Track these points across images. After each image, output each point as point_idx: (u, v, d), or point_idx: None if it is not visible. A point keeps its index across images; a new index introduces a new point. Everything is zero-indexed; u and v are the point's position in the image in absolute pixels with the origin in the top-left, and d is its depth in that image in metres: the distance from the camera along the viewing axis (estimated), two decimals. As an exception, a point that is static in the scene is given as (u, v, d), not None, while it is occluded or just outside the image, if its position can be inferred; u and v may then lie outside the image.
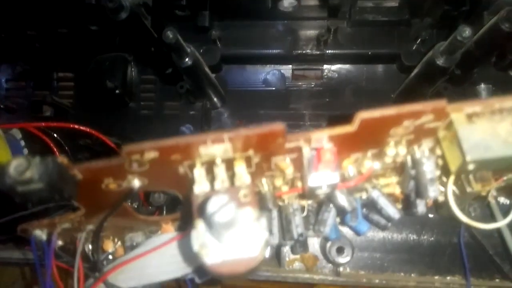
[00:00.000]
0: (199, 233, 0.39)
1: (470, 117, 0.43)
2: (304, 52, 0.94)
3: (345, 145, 0.46)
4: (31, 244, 0.54)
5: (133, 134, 0.94)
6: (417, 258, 0.75)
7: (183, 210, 0.59)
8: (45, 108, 0.98)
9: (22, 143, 0.90)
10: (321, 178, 0.44)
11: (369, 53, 0.93)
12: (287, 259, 0.74)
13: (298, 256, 0.74)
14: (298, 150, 0.46)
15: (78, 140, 0.92)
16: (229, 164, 0.45)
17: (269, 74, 0.99)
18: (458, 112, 0.42)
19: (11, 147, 0.87)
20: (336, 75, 0.97)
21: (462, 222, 0.58)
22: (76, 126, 0.86)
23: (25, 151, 0.90)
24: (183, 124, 0.94)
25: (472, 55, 0.77)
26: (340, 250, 0.68)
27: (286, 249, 0.75)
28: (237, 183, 0.43)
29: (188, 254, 0.56)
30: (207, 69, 0.86)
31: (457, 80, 0.86)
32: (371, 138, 0.46)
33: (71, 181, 0.42)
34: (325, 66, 0.97)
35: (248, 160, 0.46)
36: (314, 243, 0.73)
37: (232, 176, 0.45)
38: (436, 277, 0.72)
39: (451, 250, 0.75)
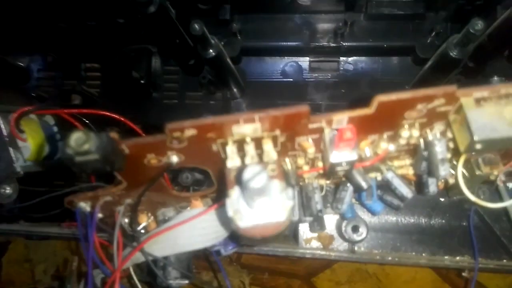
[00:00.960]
0: (233, 201, 0.44)
1: (478, 101, 0.47)
2: (321, 44, 0.97)
3: (363, 127, 0.50)
4: (76, 215, 0.60)
5: (156, 122, 0.98)
6: (428, 239, 0.79)
7: (215, 186, 0.64)
8: (74, 97, 1.02)
9: (55, 129, 0.95)
10: (341, 156, 0.49)
11: (385, 45, 0.95)
12: (304, 237, 0.79)
13: (315, 235, 0.78)
14: (320, 131, 0.51)
15: (106, 127, 0.97)
16: (258, 143, 0.50)
17: (287, 66, 1.02)
18: (467, 97, 0.47)
19: (45, 133, 0.92)
20: (352, 67, 1.00)
21: (471, 201, 0.62)
22: (107, 113, 0.91)
23: (58, 136, 0.95)
24: (204, 113, 0.98)
25: (485, 48, 0.80)
26: (355, 229, 0.72)
27: (304, 229, 0.79)
28: (265, 159, 0.48)
29: (217, 225, 0.61)
30: (229, 60, 0.90)
31: (470, 73, 0.89)
32: (387, 121, 0.51)
33: (120, 155, 0.48)
34: (342, 58, 1.00)
35: (274, 140, 0.51)
36: (330, 223, 0.77)
37: (260, 154, 0.50)
38: (446, 257, 0.77)
39: (460, 232, 0.79)
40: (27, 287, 1.01)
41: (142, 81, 0.99)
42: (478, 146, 0.46)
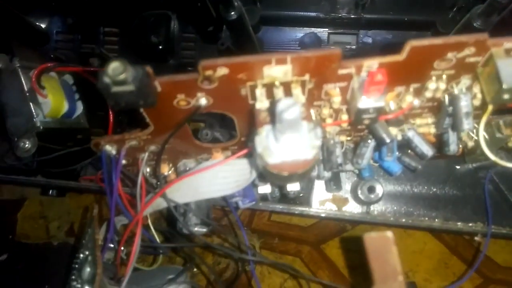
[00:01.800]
0: (262, 138, 0.45)
1: (508, 51, 0.48)
2: (341, 15, 0.96)
3: (392, 76, 0.51)
4: (102, 157, 0.61)
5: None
6: (442, 205, 0.80)
7: (234, 139, 0.65)
8: (92, 60, 1.03)
9: (74, 88, 0.96)
10: (370, 102, 0.49)
11: (405, 19, 0.95)
12: (319, 200, 0.80)
13: (330, 197, 0.79)
14: (349, 78, 0.51)
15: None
16: (287, 88, 0.51)
17: (305, 37, 1.02)
18: (498, 47, 0.47)
19: (64, 91, 0.93)
20: (371, 41, 1.00)
21: (487, 167, 0.63)
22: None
23: (76, 96, 0.96)
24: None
25: (507, 23, 0.80)
26: (371, 189, 0.73)
27: (319, 191, 0.80)
28: (294, 102, 0.49)
29: (238, 175, 0.62)
30: (249, 26, 0.91)
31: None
32: (416, 71, 0.51)
33: (153, 91, 0.49)
34: (361, 31, 0.99)
35: (303, 85, 0.51)
36: (346, 185, 0.79)
37: (288, 98, 0.51)
38: (459, 223, 0.78)
39: (475, 200, 0.80)
40: (42, 242, 1.03)
41: (160, 47, 0.99)
42: (506, 95, 0.47)
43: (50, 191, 1.00)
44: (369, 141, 0.63)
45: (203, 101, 0.53)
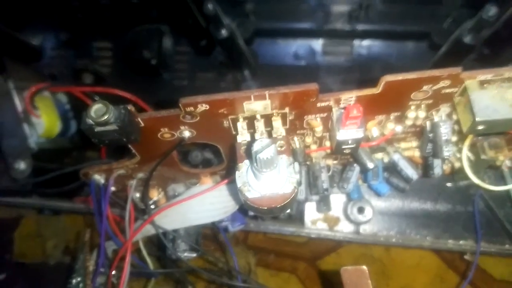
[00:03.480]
0: (242, 173, 0.46)
1: (482, 84, 0.48)
2: (335, 27, 0.95)
3: (371, 107, 0.52)
4: (91, 186, 0.62)
5: (166, 103, 0.99)
6: (433, 223, 0.80)
7: (225, 162, 0.65)
8: (86, 76, 1.03)
9: (68, 106, 0.97)
10: (348, 133, 0.50)
11: (400, 30, 0.94)
12: (311, 219, 0.80)
13: (321, 216, 0.80)
14: (329, 109, 0.52)
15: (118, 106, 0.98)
16: (268, 120, 0.52)
17: (299, 49, 1.01)
18: (472, 79, 0.48)
19: (58, 110, 0.94)
20: (366, 51, 0.99)
21: (477, 186, 0.63)
22: (119, 92, 0.92)
23: (70, 114, 0.97)
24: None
25: (500, 34, 0.79)
26: (361, 210, 0.74)
27: (310, 210, 0.81)
28: (274, 135, 0.50)
29: (226, 201, 0.63)
30: (241, 42, 0.91)
31: (485, 60, 0.88)
32: (394, 101, 0.52)
33: (136, 127, 0.50)
34: (355, 42, 0.98)
35: (284, 117, 0.52)
36: (337, 205, 0.79)
37: (269, 131, 0.52)
38: (450, 241, 0.78)
39: (465, 217, 0.80)
40: (38, 261, 1.04)
41: (152, 61, 1.00)
42: (480, 127, 0.48)
43: (46, 210, 1.01)
44: (355, 165, 0.64)
45: (186, 133, 0.54)
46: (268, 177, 0.45)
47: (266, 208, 0.45)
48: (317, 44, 1.00)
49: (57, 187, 0.87)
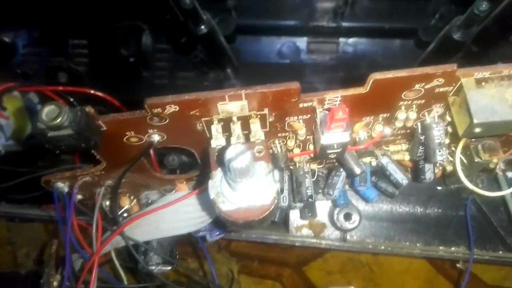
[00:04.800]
0: (216, 182, 0.41)
1: (479, 82, 0.44)
2: (320, 24, 0.93)
3: (358, 108, 0.47)
4: (53, 195, 0.57)
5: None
6: (423, 229, 0.76)
7: (199, 169, 0.61)
8: (60, 74, 0.98)
9: (39, 106, 0.92)
10: (333, 137, 0.45)
11: (386, 27, 0.91)
12: (295, 225, 0.76)
13: (306, 223, 0.76)
14: (312, 110, 0.47)
15: (93, 106, 0.93)
16: (245, 122, 0.47)
17: (283, 46, 0.98)
18: (468, 77, 0.44)
19: (28, 111, 0.89)
20: (352, 49, 0.96)
21: (469, 190, 0.60)
22: (93, 92, 0.88)
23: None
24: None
25: (490, 31, 0.77)
26: (347, 216, 0.70)
27: (295, 217, 0.76)
28: (252, 139, 0.45)
29: (202, 210, 0.58)
30: (222, 39, 0.87)
31: (474, 58, 0.85)
32: (383, 101, 0.47)
33: (97, 131, 0.45)
34: (341, 40, 0.96)
35: (263, 119, 0.48)
36: (322, 211, 0.75)
37: (247, 134, 0.47)
38: (441, 247, 0.74)
39: (457, 222, 0.76)
40: (9, 271, 0.98)
41: (131, 59, 0.95)
42: (478, 130, 0.44)
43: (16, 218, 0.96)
44: (341, 169, 0.60)
45: (155, 137, 0.49)
46: (245, 187, 0.40)
47: (242, 221, 0.41)
48: (302, 41, 0.97)
49: (27, 192, 0.83)
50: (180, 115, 0.45)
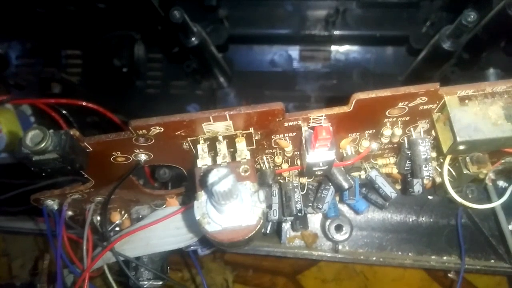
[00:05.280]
0: (201, 203, 0.42)
1: (462, 99, 0.44)
2: (312, 33, 0.94)
3: (343, 125, 0.48)
4: (43, 213, 0.57)
5: (139, 112, 0.95)
6: (415, 238, 0.76)
7: (188, 185, 0.61)
8: (53, 85, 0.98)
9: (32, 119, 0.92)
10: (318, 155, 0.46)
11: (378, 35, 0.92)
12: (287, 236, 0.76)
13: (298, 234, 0.76)
14: (298, 128, 0.48)
15: (86, 117, 0.94)
16: (231, 141, 0.47)
17: (276, 55, 0.99)
18: (451, 95, 0.44)
19: (21, 123, 0.89)
20: (344, 57, 0.97)
21: (457, 202, 0.60)
22: (85, 103, 0.88)
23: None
24: (189, 103, 0.96)
25: (480, 39, 0.77)
26: (339, 228, 0.70)
27: (287, 227, 0.77)
28: (238, 158, 0.45)
29: (192, 226, 0.58)
30: (213, 49, 0.87)
31: (465, 64, 0.86)
32: (368, 119, 0.48)
33: (82, 153, 0.45)
34: (333, 48, 0.96)
35: (249, 138, 0.48)
36: (314, 222, 0.75)
37: (233, 153, 0.47)
38: (433, 257, 0.74)
39: (448, 231, 0.77)
40: (4, 282, 0.98)
41: (124, 69, 0.96)
42: (461, 147, 0.44)
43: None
44: (330, 183, 0.60)
45: (142, 156, 0.49)
46: (230, 208, 0.40)
47: (228, 242, 0.41)
48: (294, 50, 0.98)
49: (20, 205, 0.83)
50: (165, 136, 0.45)
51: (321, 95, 0.96)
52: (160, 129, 0.44)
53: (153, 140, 0.46)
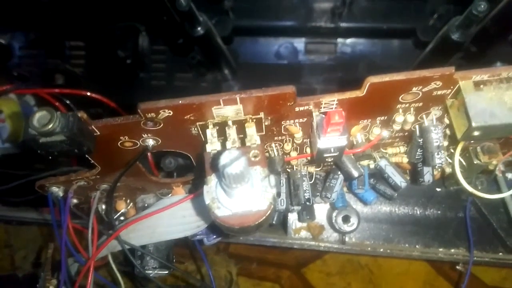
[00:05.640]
0: (211, 188, 0.41)
1: (478, 84, 0.43)
2: (318, 25, 0.92)
3: (354, 111, 0.47)
4: (48, 200, 0.56)
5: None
6: (423, 231, 0.76)
7: (194, 173, 0.60)
8: (57, 76, 0.98)
9: (35, 109, 0.91)
10: (330, 141, 0.45)
11: (385, 27, 0.91)
12: (293, 227, 0.76)
13: (304, 225, 0.75)
14: (308, 114, 0.47)
15: (90, 108, 0.93)
16: (241, 126, 0.46)
17: (281, 47, 0.98)
18: (466, 80, 0.43)
19: (25, 113, 0.88)
20: (350, 50, 0.96)
21: (467, 192, 0.59)
22: (89, 94, 0.87)
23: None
24: (193, 96, 0.95)
25: (489, 31, 0.76)
26: (346, 219, 0.69)
27: (293, 218, 0.76)
28: (248, 143, 0.45)
29: (199, 214, 0.57)
30: (219, 40, 0.86)
31: (473, 58, 0.85)
32: (380, 104, 0.47)
33: (90, 136, 0.44)
34: (339, 40, 0.95)
35: (259, 123, 0.47)
36: (321, 213, 0.74)
37: (242, 138, 0.46)
38: (441, 249, 0.74)
39: (456, 224, 0.76)
40: (6, 273, 0.98)
41: (128, 61, 0.95)
42: (476, 133, 0.43)
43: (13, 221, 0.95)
44: (339, 172, 0.59)
45: (150, 141, 0.48)
46: (240, 193, 0.40)
47: (238, 227, 0.40)
48: (300, 42, 0.97)
49: (23, 195, 0.82)
50: (174, 120, 0.44)
51: (327, 88, 0.95)
52: (169, 113, 0.43)
53: (162, 124, 0.45)
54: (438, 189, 0.76)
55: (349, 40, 0.96)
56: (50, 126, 0.39)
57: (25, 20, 1.02)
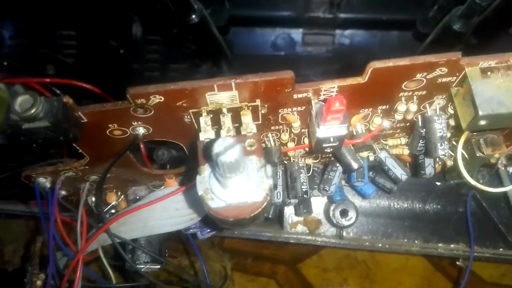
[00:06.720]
0: (204, 178, 0.39)
1: (484, 71, 0.42)
2: (316, 15, 0.90)
3: (355, 99, 0.45)
4: (35, 191, 0.54)
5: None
6: (422, 225, 0.74)
7: (187, 164, 0.58)
8: (48, 66, 0.96)
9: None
10: (329, 130, 0.43)
11: (384, 18, 0.89)
12: (290, 221, 0.74)
13: (301, 219, 0.73)
14: (307, 102, 0.45)
15: (81, 100, 0.91)
16: (236, 114, 0.44)
17: (278, 38, 0.96)
18: (473, 66, 0.41)
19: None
20: (348, 41, 0.94)
21: (469, 186, 0.57)
22: (80, 83, 0.85)
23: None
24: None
25: (490, 23, 0.75)
26: (344, 213, 0.67)
27: (290, 212, 0.74)
28: (243, 132, 0.43)
29: (192, 207, 0.55)
30: (214, 29, 0.84)
31: (473, 50, 0.84)
32: (382, 92, 0.45)
33: (76, 123, 0.42)
34: (337, 31, 0.93)
35: (255, 111, 0.45)
36: (318, 207, 0.72)
37: (238, 127, 0.44)
38: (440, 244, 0.72)
39: (456, 219, 0.74)
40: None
41: (121, 51, 0.93)
42: (483, 122, 0.41)
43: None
44: (337, 164, 0.57)
45: (140, 130, 0.46)
46: (235, 183, 0.37)
47: (232, 219, 0.38)
48: (297, 33, 0.95)
49: (12, 188, 0.80)
50: (166, 106, 0.42)
51: (325, 80, 0.93)
52: (160, 98, 0.41)
53: (153, 112, 0.43)
54: (438, 183, 0.75)
55: (347, 32, 0.94)
56: (33, 111, 0.37)
57: (15, 9, 0.99)
